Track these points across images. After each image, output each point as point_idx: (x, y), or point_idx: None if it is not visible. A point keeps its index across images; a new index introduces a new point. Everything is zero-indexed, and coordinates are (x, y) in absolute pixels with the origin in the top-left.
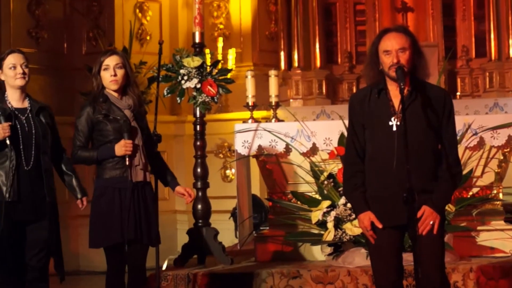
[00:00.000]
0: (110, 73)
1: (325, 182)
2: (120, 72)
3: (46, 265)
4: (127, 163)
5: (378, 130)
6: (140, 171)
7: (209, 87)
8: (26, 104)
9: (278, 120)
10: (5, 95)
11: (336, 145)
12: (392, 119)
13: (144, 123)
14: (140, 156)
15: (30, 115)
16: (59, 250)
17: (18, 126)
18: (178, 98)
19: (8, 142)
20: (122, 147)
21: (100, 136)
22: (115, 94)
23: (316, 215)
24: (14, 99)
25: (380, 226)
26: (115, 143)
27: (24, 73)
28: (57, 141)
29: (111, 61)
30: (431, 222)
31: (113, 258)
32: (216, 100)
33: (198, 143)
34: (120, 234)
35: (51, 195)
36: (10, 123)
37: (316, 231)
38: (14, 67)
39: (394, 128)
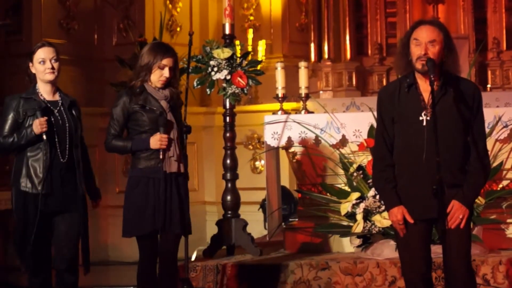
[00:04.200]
0: (165, 74)
1: (355, 174)
2: (171, 73)
3: (76, 256)
4: (161, 156)
5: (408, 125)
6: (174, 162)
7: (239, 78)
8: (57, 97)
9: (308, 112)
10: (36, 88)
11: (365, 137)
12: (423, 113)
13: (179, 115)
14: (175, 148)
15: (62, 108)
16: (87, 243)
17: (53, 119)
18: (208, 90)
19: (44, 137)
20: (157, 141)
21: (136, 126)
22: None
23: (345, 207)
24: (45, 92)
25: (411, 221)
26: (150, 133)
27: (53, 67)
28: (82, 137)
29: (169, 62)
30: (461, 217)
31: (145, 247)
32: (246, 91)
33: (228, 134)
34: (151, 224)
35: (82, 188)
36: (46, 117)
37: (345, 223)
38: (44, 62)
39: (424, 123)
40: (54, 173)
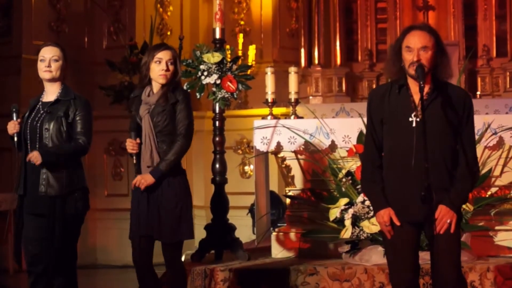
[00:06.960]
0: (161, 67)
1: (344, 179)
2: (171, 68)
3: (55, 260)
4: (134, 161)
5: (397, 125)
6: (146, 168)
7: (228, 83)
8: (54, 97)
9: (297, 117)
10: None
11: (355, 142)
12: (412, 115)
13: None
14: (145, 153)
15: (48, 110)
16: (55, 247)
17: (29, 121)
18: (197, 94)
19: (15, 139)
20: (126, 146)
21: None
22: (158, 88)
23: (333, 213)
24: (46, 91)
25: (398, 223)
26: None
27: (49, 66)
28: (72, 134)
29: (164, 55)
30: (448, 221)
31: (133, 250)
32: (235, 96)
33: (217, 138)
34: (133, 230)
35: (54, 189)
36: (19, 120)
37: (333, 229)
38: (43, 60)
39: (414, 124)
40: (28, 175)
